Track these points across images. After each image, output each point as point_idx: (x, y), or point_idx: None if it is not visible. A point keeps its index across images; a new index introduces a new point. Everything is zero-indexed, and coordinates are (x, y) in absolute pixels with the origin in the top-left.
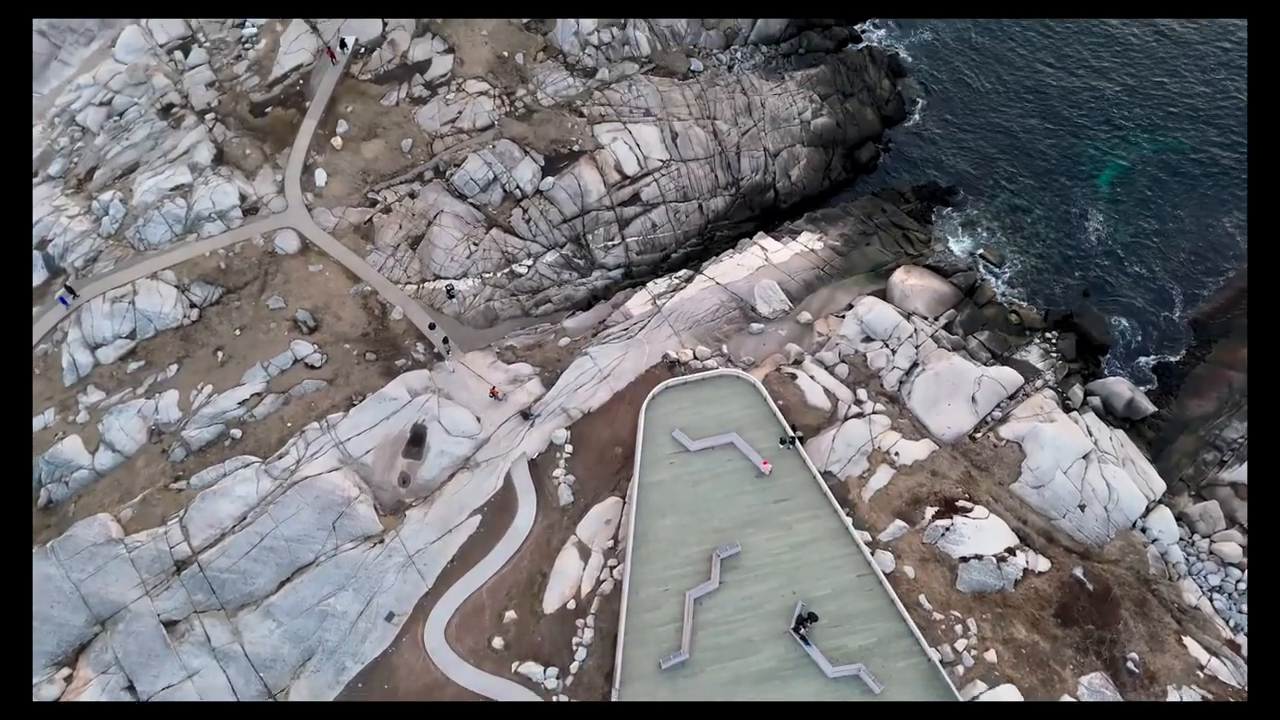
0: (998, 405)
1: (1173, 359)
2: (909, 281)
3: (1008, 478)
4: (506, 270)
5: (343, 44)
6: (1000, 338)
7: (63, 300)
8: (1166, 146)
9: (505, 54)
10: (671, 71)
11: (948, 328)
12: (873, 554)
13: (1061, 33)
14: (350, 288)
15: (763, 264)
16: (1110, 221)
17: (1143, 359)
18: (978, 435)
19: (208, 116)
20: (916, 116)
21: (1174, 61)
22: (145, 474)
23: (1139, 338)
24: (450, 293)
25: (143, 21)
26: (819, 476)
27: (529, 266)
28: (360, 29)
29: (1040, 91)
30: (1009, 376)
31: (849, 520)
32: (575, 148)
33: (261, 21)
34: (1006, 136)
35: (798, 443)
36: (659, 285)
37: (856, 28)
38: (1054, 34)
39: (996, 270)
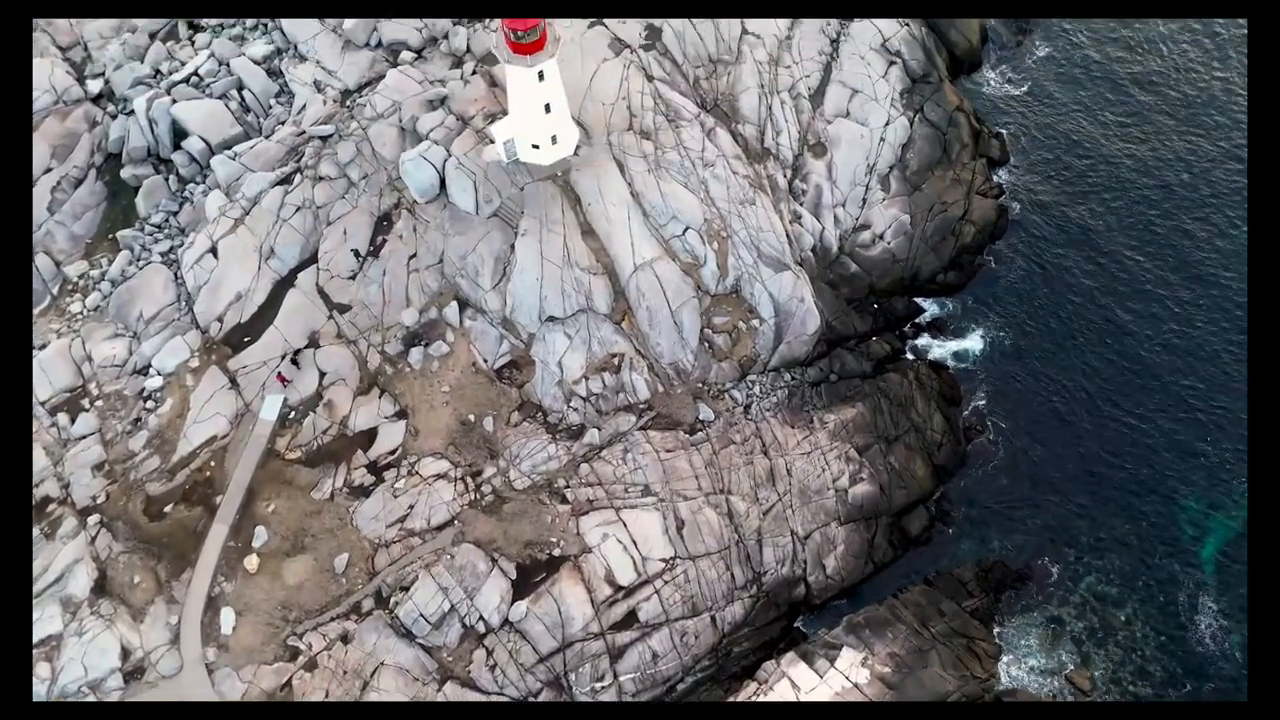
0: None
1: None
2: None
3: None
4: None
5: (295, 361)
6: None
7: None
8: None
9: (471, 418)
10: (676, 422)
11: None
12: None
13: (1134, 372)
14: None
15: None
16: (1226, 611)
17: None
18: None
19: (91, 520)
20: (977, 467)
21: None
22: None
23: None
24: None
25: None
26: None
27: None
28: (296, 377)
29: (1126, 424)
30: None
31: None
32: (556, 551)
33: (171, 369)
34: (1087, 491)
35: None
36: None
37: (897, 333)
38: (1125, 362)
39: (1088, 700)
